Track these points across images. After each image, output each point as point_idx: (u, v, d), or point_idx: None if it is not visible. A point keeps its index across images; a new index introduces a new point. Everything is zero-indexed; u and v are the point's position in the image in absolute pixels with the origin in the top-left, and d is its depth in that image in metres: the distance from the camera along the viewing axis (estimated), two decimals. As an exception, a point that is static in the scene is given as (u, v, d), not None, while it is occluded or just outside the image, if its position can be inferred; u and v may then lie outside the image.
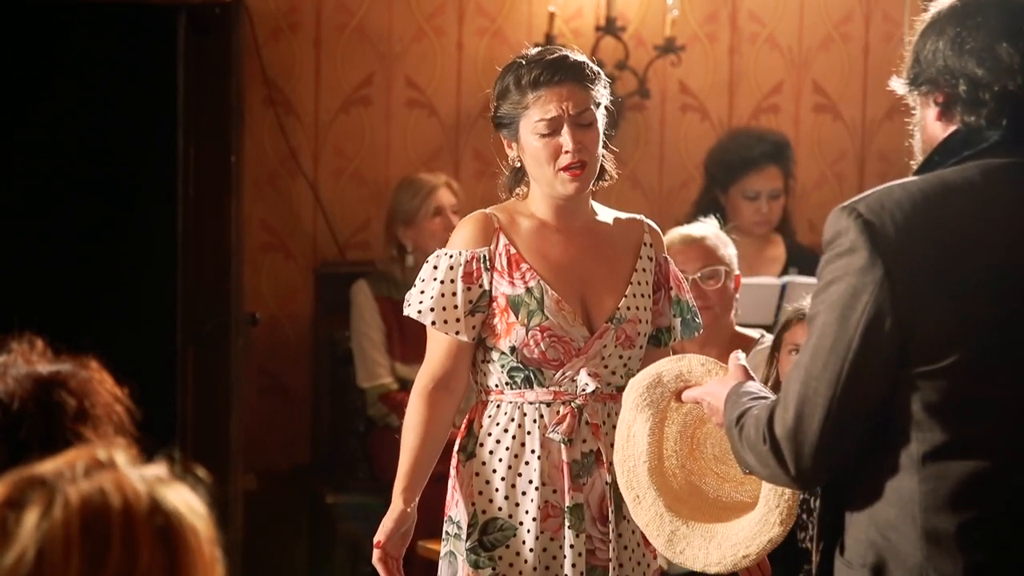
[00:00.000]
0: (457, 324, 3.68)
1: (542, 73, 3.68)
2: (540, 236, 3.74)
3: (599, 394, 3.70)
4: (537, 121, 3.67)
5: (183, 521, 1.69)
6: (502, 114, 3.74)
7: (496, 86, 3.76)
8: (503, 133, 3.76)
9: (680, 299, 3.84)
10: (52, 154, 6.63)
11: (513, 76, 3.72)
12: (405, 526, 3.69)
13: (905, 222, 2.65)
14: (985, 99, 2.72)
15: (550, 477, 3.68)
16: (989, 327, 2.65)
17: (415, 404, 3.74)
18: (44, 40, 6.56)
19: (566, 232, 3.76)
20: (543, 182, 3.71)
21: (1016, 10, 2.73)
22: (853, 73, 6.91)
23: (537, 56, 3.72)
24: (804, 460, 2.68)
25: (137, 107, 6.44)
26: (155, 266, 6.28)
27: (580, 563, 3.66)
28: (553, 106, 3.66)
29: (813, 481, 2.77)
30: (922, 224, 2.66)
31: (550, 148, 3.67)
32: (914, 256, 2.64)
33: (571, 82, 3.68)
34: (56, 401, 2.11)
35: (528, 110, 3.68)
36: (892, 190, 2.70)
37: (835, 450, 2.69)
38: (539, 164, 3.69)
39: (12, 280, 6.20)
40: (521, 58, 3.74)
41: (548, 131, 3.67)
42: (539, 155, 3.68)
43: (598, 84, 3.72)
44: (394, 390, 5.93)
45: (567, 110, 3.66)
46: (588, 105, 3.69)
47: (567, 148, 3.65)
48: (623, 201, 6.36)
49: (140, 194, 6.58)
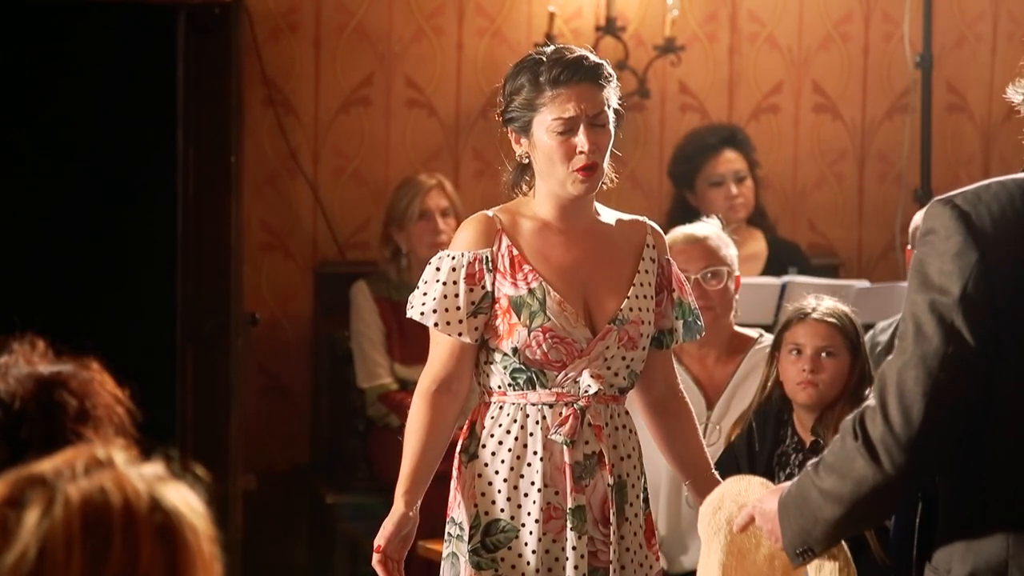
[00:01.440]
0: (460, 325, 3.67)
1: (563, 72, 3.66)
2: (542, 237, 3.73)
3: (601, 396, 3.69)
4: (554, 119, 3.66)
5: (182, 519, 1.69)
6: (515, 108, 3.71)
7: (508, 80, 3.74)
8: (513, 127, 3.73)
9: (683, 301, 3.84)
10: (51, 154, 6.63)
11: (530, 72, 3.69)
12: (406, 529, 3.68)
13: (1001, 214, 2.66)
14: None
15: (552, 479, 3.68)
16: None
17: (418, 407, 3.74)
18: (43, 40, 6.55)
19: (568, 233, 3.75)
20: (553, 181, 3.70)
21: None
22: (853, 73, 6.91)
23: (556, 55, 3.70)
24: (902, 455, 2.64)
25: (136, 107, 6.43)
26: (155, 266, 6.28)
27: (582, 565, 3.65)
28: (572, 105, 3.65)
29: (908, 477, 2.71)
30: (1016, 217, 2.67)
31: (565, 147, 3.66)
32: (1009, 245, 2.65)
33: (590, 83, 3.68)
34: (57, 401, 2.12)
35: (545, 107, 3.66)
36: (990, 185, 2.71)
37: (932, 445, 2.66)
38: (552, 163, 3.67)
39: (12, 280, 6.20)
40: (539, 54, 3.72)
41: (564, 130, 3.65)
42: (553, 154, 3.66)
43: (612, 87, 3.73)
44: (393, 390, 5.93)
45: (584, 111, 3.66)
46: (603, 107, 3.69)
47: (582, 148, 3.64)
48: (623, 201, 6.36)
49: (140, 194, 6.57)
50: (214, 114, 5.98)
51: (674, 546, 4.59)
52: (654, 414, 3.86)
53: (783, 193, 6.88)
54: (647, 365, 3.78)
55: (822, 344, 4.33)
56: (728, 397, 4.65)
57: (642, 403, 3.85)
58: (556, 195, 3.73)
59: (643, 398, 3.85)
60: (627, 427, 3.75)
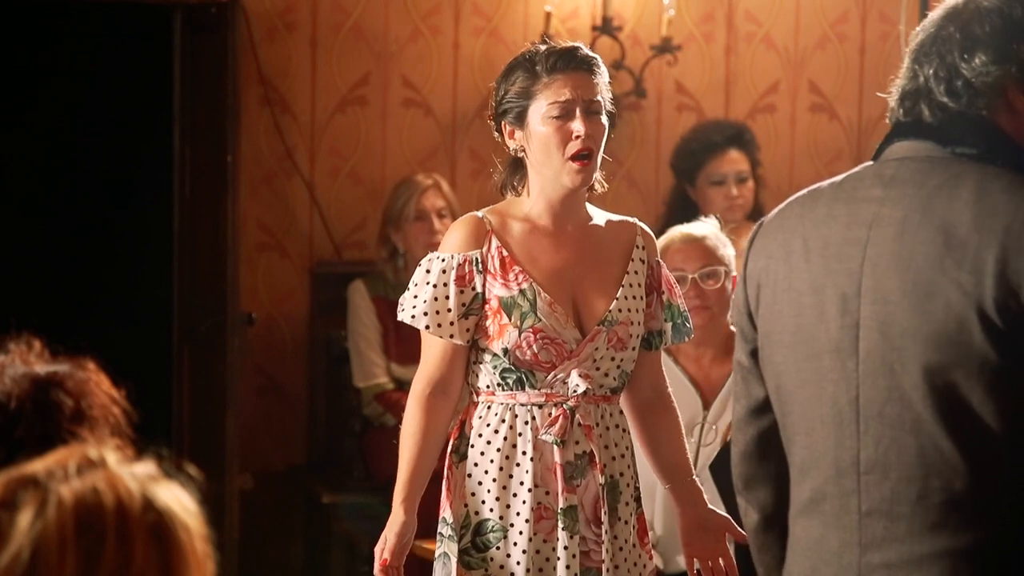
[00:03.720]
0: (451, 327, 3.68)
1: (559, 59, 3.69)
2: (532, 238, 3.73)
3: (591, 396, 3.69)
4: (550, 104, 3.67)
5: (175, 518, 1.69)
6: (509, 99, 3.72)
7: (503, 76, 3.75)
8: (507, 119, 3.74)
9: (672, 303, 3.84)
10: (47, 153, 6.63)
11: (526, 64, 3.72)
12: (407, 537, 3.70)
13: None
14: None
15: (543, 479, 3.68)
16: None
17: (412, 411, 3.74)
18: (39, 39, 6.55)
19: (558, 235, 3.75)
20: (548, 173, 3.70)
21: None
22: (849, 73, 6.92)
23: (551, 46, 3.74)
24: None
25: (133, 106, 6.43)
26: (151, 265, 6.27)
27: (574, 565, 3.65)
28: (568, 90, 3.67)
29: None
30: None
31: (561, 133, 3.66)
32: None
33: (585, 71, 3.70)
34: (53, 401, 2.12)
35: (540, 94, 3.68)
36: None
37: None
38: (547, 151, 3.68)
39: (7, 279, 6.20)
40: (531, 51, 3.75)
41: (560, 114, 3.66)
42: (549, 141, 3.67)
43: (606, 83, 3.75)
44: (390, 390, 5.93)
45: (580, 96, 3.67)
46: (598, 95, 3.71)
47: (578, 133, 3.65)
48: (619, 201, 6.36)
49: (136, 193, 6.57)
50: (210, 113, 5.98)
51: (670, 546, 4.58)
52: (639, 415, 3.86)
53: (779, 193, 6.88)
54: (635, 366, 3.78)
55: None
56: (725, 397, 4.65)
57: (628, 404, 3.85)
58: (548, 193, 3.73)
59: (629, 399, 3.85)
60: (620, 426, 3.75)
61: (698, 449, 4.61)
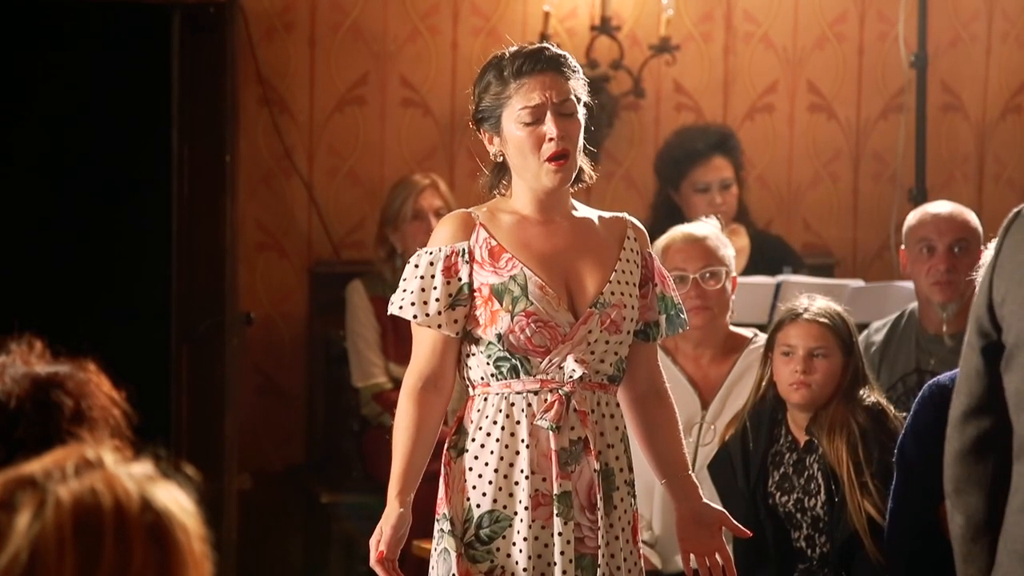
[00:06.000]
0: (439, 317, 3.69)
1: (524, 63, 3.70)
2: (521, 228, 3.75)
3: (587, 382, 3.70)
4: (520, 109, 3.68)
5: (173, 518, 1.70)
6: (484, 107, 3.75)
7: (476, 83, 3.79)
8: (485, 127, 3.77)
9: (665, 295, 3.85)
10: (46, 153, 6.62)
11: (495, 70, 3.74)
12: (402, 530, 3.70)
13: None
14: None
15: (539, 465, 3.68)
16: None
17: (404, 405, 3.75)
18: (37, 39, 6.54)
19: (548, 225, 3.77)
20: (527, 174, 3.72)
21: None
22: (848, 73, 6.92)
23: (517, 50, 3.75)
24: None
25: (131, 106, 6.42)
26: (149, 265, 6.27)
27: (569, 551, 3.65)
28: (536, 94, 3.68)
29: None
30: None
31: (534, 137, 3.68)
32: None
33: (552, 71, 3.71)
34: (53, 402, 2.12)
35: (511, 99, 3.70)
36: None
37: None
38: (523, 155, 3.70)
39: (6, 279, 6.19)
40: (500, 54, 3.77)
41: (531, 119, 3.68)
42: (523, 145, 3.69)
43: (577, 78, 3.75)
44: (388, 389, 5.94)
45: (550, 98, 3.68)
46: (569, 95, 3.72)
47: (551, 135, 3.67)
48: (618, 201, 6.36)
49: (134, 193, 6.56)
50: (209, 113, 5.99)
51: (669, 546, 4.59)
52: (636, 409, 3.86)
53: (778, 193, 6.89)
54: (631, 359, 3.79)
55: (814, 345, 4.33)
56: (723, 397, 4.66)
57: (625, 398, 3.85)
58: (533, 189, 3.75)
59: (626, 393, 3.85)
60: (615, 417, 3.76)
61: (696, 449, 4.62)
